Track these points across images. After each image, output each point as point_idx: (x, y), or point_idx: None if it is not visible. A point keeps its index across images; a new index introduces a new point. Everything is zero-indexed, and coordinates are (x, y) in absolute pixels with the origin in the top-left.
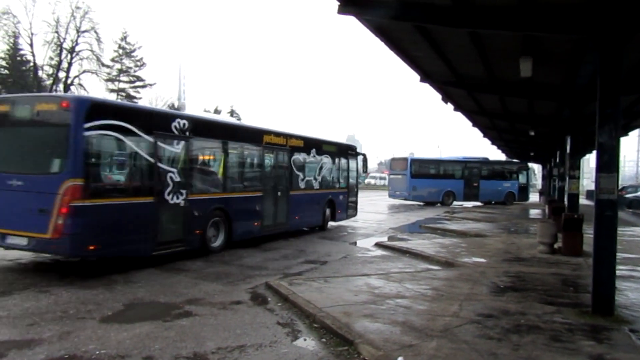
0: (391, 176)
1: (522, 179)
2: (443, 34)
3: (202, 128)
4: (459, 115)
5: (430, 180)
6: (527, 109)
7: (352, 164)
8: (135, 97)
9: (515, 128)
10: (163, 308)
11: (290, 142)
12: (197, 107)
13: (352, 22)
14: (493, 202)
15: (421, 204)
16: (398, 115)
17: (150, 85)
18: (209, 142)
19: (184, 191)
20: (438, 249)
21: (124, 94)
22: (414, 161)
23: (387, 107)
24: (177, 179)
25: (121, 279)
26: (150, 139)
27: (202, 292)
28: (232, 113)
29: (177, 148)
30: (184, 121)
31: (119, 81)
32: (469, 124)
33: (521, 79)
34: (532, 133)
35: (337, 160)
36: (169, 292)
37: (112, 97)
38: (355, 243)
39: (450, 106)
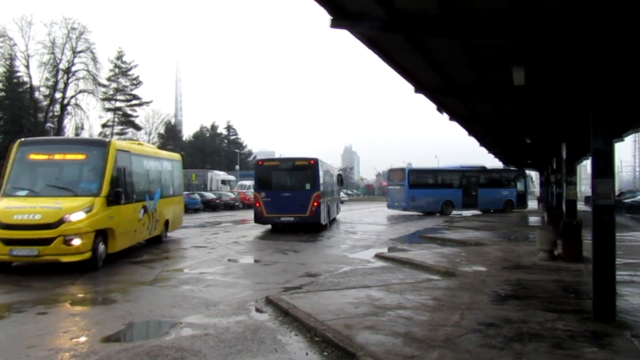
0: (389, 187)
1: (520, 186)
2: (435, 44)
3: (323, 166)
4: (455, 125)
5: (428, 190)
6: (522, 116)
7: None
8: (132, 116)
9: (511, 136)
10: (161, 325)
11: (332, 169)
12: (194, 123)
13: (347, 35)
14: (492, 211)
15: (420, 214)
16: (395, 125)
17: (147, 103)
18: (327, 173)
19: (327, 195)
20: (438, 258)
21: (120, 112)
22: (412, 171)
23: (383, 118)
24: (328, 189)
25: (120, 297)
26: (322, 172)
27: (201, 308)
28: (229, 128)
29: (324, 174)
30: (326, 165)
31: (116, 100)
32: (465, 133)
33: (515, 86)
34: (529, 140)
35: (338, 177)
36: (166, 311)
37: (109, 116)
38: (355, 255)
39: (445, 116)
